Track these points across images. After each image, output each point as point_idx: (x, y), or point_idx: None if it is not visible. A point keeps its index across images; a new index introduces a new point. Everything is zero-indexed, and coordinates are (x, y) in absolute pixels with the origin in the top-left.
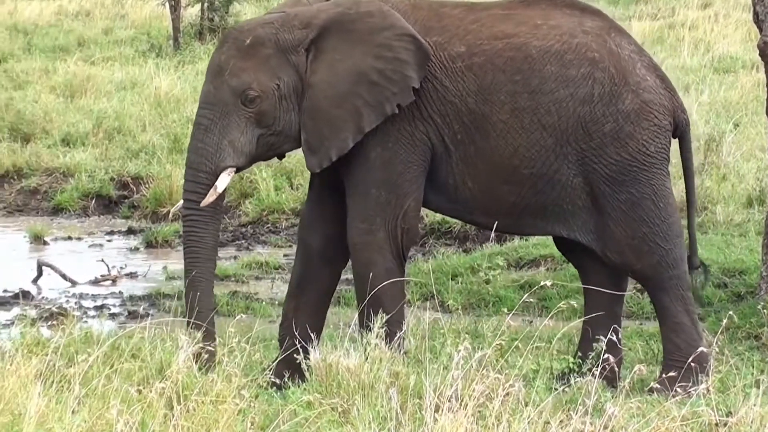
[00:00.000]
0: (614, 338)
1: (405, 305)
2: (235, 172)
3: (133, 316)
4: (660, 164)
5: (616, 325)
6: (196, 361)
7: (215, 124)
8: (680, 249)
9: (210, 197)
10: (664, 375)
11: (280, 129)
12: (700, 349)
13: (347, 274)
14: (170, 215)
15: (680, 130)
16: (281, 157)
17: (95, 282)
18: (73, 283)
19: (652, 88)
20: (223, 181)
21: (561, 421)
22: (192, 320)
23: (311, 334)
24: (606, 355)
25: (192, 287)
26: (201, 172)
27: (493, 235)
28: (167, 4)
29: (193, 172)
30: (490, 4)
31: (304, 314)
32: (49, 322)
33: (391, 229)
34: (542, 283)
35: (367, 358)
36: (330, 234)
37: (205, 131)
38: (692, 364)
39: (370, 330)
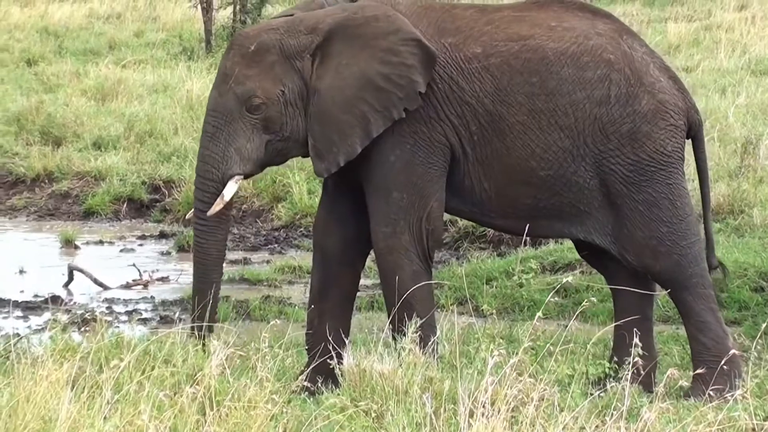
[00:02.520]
0: (647, 342)
1: (435, 307)
2: (244, 178)
3: (164, 321)
4: (676, 164)
5: (648, 328)
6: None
7: (221, 132)
8: (698, 247)
9: (217, 206)
10: (696, 375)
11: (288, 135)
12: (731, 351)
13: (376, 279)
14: (184, 222)
15: (694, 131)
16: (284, 162)
17: (127, 287)
18: (105, 288)
19: (665, 88)
20: (230, 189)
21: (596, 427)
22: (193, 325)
23: (342, 338)
24: (637, 359)
25: (196, 295)
26: (208, 180)
27: (526, 238)
28: (199, 7)
29: (200, 180)
30: (500, 6)
31: (329, 319)
32: (81, 328)
33: (415, 231)
34: (564, 281)
35: (400, 363)
36: (347, 236)
37: (210, 139)
38: (724, 367)
39: (403, 335)
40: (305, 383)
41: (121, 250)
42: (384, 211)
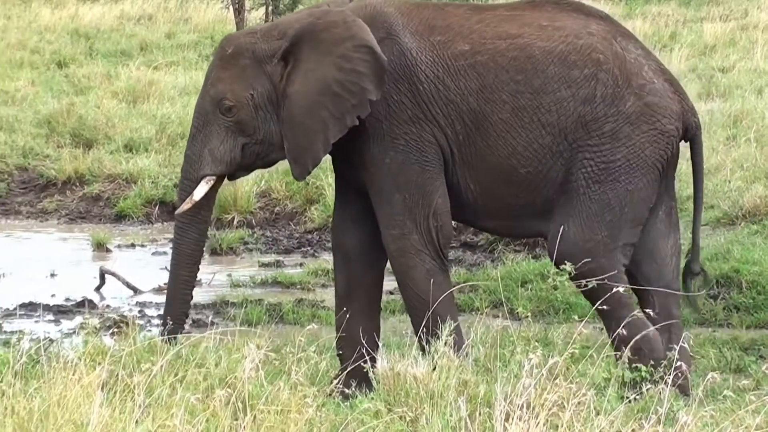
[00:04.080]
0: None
1: (454, 305)
2: (221, 181)
3: (197, 324)
4: (648, 169)
5: (676, 328)
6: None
7: (199, 133)
8: (625, 259)
9: (185, 205)
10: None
11: (262, 138)
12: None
13: None
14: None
15: (690, 134)
16: (269, 165)
17: (159, 290)
18: (137, 291)
19: (658, 91)
20: (200, 190)
21: (633, 430)
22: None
23: (375, 340)
24: (679, 363)
25: (168, 292)
26: (186, 180)
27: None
28: (231, 8)
29: (181, 179)
30: (495, 6)
31: (358, 321)
32: (112, 331)
33: (424, 230)
34: (595, 283)
35: (435, 367)
36: (365, 236)
37: (191, 139)
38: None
39: (423, 335)
40: (339, 387)
41: (153, 253)
42: (389, 214)
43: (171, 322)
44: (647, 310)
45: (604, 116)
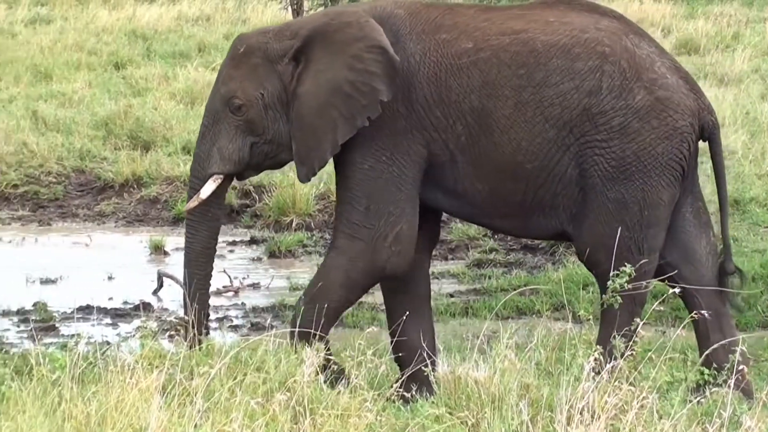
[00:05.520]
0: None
1: (334, 321)
2: (230, 179)
3: (256, 327)
4: (662, 170)
5: (728, 327)
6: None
7: (209, 131)
8: (648, 266)
9: (192, 203)
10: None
11: (271, 138)
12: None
13: (470, 284)
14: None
15: (707, 132)
16: (279, 165)
17: (217, 293)
18: None
19: (670, 86)
20: (207, 188)
21: None
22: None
23: (432, 342)
24: (742, 366)
25: (185, 290)
26: (195, 178)
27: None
28: (289, 8)
29: (191, 177)
30: (507, 6)
31: (411, 324)
32: (170, 334)
33: (374, 245)
34: (671, 291)
35: (496, 370)
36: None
37: (201, 137)
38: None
39: (299, 329)
40: (400, 391)
41: None
42: (350, 214)
43: (191, 323)
44: (702, 312)
45: (612, 109)
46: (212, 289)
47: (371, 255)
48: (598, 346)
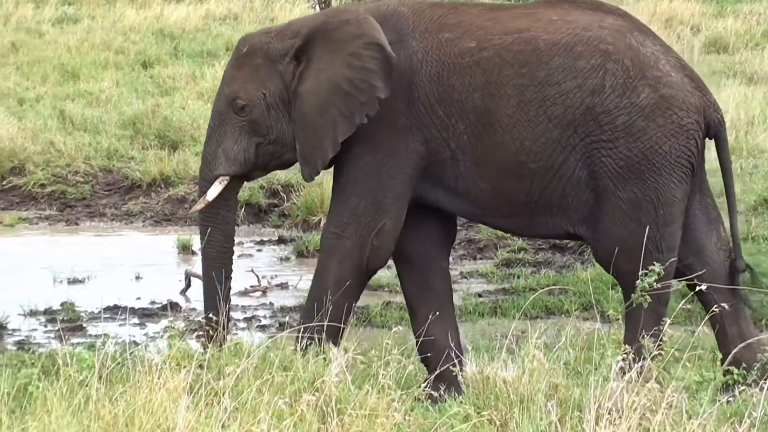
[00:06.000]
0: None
1: (345, 321)
2: (238, 181)
3: (283, 327)
4: (672, 167)
5: (744, 322)
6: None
7: (215, 133)
8: (669, 264)
9: (199, 205)
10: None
11: (275, 138)
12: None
13: (498, 284)
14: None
15: (713, 130)
16: (285, 166)
17: (245, 293)
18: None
19: (675, 84)
20: (214, 189)
21: None
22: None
23: (458, 341)
24: None
25: (204, 293)
26: (202, 180)
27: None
28: (317, 7)
29: (199, 179)
30: (513, 5)
31: (435, 325)
32: (198, 334)
33: (361, 242)
34: (698, 288)
35: (524, 370)
36: (421, 238)
37: (207, 139)
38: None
39: (308, 336)
40: (427, 391)
41: (239, 256)
42: (339, 212)
43: (210, 326)
44: (722, 305)
45: (616, 108)
46: (240, 288)
47: (359, 252)
48: (626, 346)
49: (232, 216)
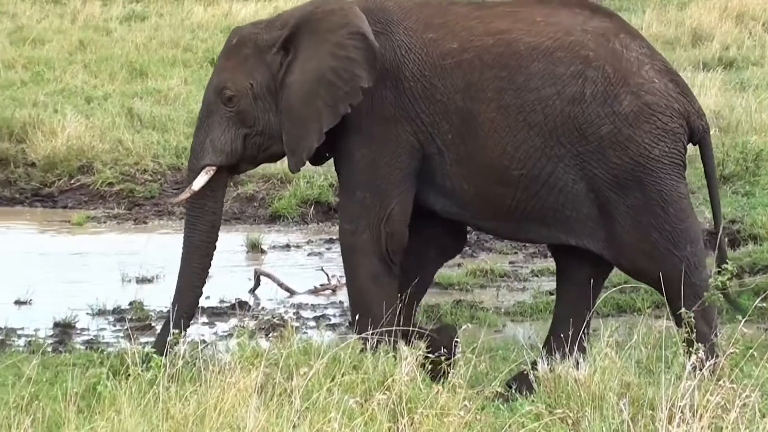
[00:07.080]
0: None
1: (394, 310)
2: (226, 172)
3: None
4: (667, 169)
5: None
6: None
7: (203, 123)
8: (696, 257)
9: (183, 195)
10: None
11: (262, 129)
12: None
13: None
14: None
15: (698, 136)
16: (274, 158)
17: (314, 291)
18: (292, 293)
19: (658, 90)
20: (200, 179)
21: None
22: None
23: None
24: None
25: (177, 281)
26: (189, 170)
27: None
28: None
29: (187, 169)
30: (502, 3)
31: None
32: (268, 334)
33: (375, 232)
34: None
35: (596, 369)
36: (433, 232)
37: (196, 129)
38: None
39: (361, 335)
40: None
41: (309, 254)
42: (348, 209)
43: (179, 315)
44: None
45: (598, 117)
46: (310, 287)
47: (377, 243)
48: (699, 344)
49: (219, 207)
